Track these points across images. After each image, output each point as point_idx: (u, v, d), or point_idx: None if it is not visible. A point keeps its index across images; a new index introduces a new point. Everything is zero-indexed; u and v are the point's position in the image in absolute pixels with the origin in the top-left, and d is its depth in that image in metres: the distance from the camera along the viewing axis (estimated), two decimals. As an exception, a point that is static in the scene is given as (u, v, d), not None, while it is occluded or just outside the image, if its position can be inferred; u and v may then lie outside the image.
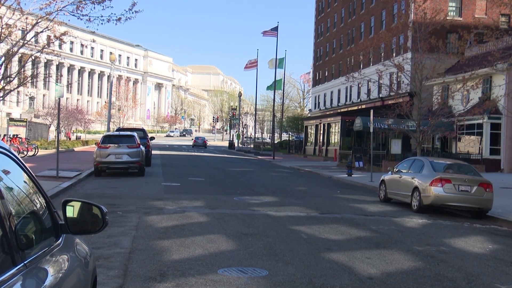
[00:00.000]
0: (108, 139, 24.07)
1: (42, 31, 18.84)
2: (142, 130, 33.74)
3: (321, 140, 58.18)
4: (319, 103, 71.29)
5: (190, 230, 10.85)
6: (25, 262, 2.62)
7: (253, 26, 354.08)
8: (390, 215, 14.97)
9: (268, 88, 66.09)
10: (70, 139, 65.12)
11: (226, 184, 22.00)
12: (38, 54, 19.89)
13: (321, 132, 58.10)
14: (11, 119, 46.19)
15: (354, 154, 36.46)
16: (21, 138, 35.28)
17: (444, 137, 35.06)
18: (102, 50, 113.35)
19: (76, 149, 46.86)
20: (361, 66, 53.48)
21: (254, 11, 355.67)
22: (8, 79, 19.23)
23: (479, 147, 35.16)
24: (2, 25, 17.28)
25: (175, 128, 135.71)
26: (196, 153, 53.64)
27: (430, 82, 29.90)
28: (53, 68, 78.42)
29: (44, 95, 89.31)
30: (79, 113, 65.54)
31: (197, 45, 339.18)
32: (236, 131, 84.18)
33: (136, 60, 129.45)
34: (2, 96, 19.66)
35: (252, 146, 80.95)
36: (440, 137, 35.13)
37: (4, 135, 38.69)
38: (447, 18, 33.76)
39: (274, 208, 14.98)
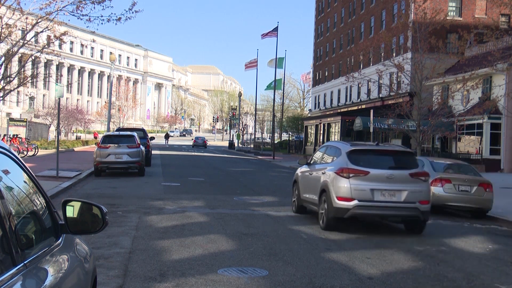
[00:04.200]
0: (108, 139, 24.07)
1: (42, 31, 18.85)
2: (142, 130, 33.72)
3: (321, 140, 58.18)
4: (319, 103, 71.32)
5: (190, 230, 10.85)
6: (25, 262, 2.63)
7: (253, 26, 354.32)
8: (390, 215, 14.94)
9: (267, 87, 66.01)
10: (96, 138, 66.04)
11: (226, 184, 22.00)
12: (38, 54, 19.89)
13: (321, 132, 58.12)
14: (11, 119, 46.17)
15: (354, 154, 36.38)
16: (21, 138, 35.26)
17: (444, 137, 35.05)
18: (102, 50, 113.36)
19: (76, 149, 46.86)
20: (361, 66, 53.49)
21: (254, 11, 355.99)
22: (8, 79, 19.24)
23: (479, 147, 35.16)
24: (2, 25, 17.29)
25: (175, 128, 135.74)
26: (196, 153, 53.64)
27: (430, 82, 29.89)
28: (53, 68, 78.41)
29: (44, 95, 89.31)
30: (79, 113, 65.52)
31: (197, 45, 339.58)
32: (236, 131, 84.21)
33: (136, 60, 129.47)
34: (2, 96, 19.67)
35: (252, 146, 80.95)
36: (440, 137, 35.13)
37: (4, 135, 38.67)
38: (447, 18, 33.73)
39: (274, 208, 14.97)
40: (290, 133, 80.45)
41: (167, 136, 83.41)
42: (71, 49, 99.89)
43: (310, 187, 13.04)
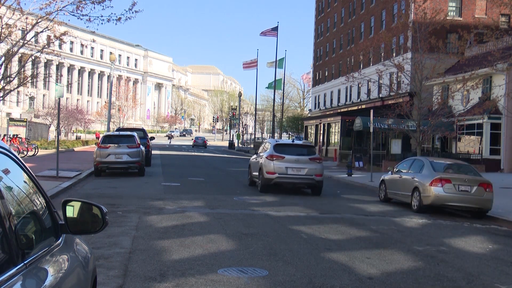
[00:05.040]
0: (108, 139, 24.06)
1: (42, 31, 18.86)
2: (142, 130, 33.71)
3: (321, 140, 58.18)
4: (319, 103, 71.31)
5: (190, 230, 10.85)
6: (25, 262, 2.63)
7: (253, 26, 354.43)
8: (390, 215, 14.97)
9: (268, 87, 66.13)
10: (98, 138, 66.12)
11: (226, 184, 22.01)
12: (38, 54, 19.90)
13: (321, 132, 58.11)
14: (11, 119, 46.17)
15: (354, 154, 36.46)
16: (21, 138, 35.25)
17: (444, 137, 35.05)
18: (102, 50, 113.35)
19: (76, 149, 46.86)
20: (361, 66, 53.48)
21: (254, 11, 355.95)
22: (8, 79, 19.23)
23: (479, 147, 35.16)
24: (2, 25, 17.29)
25: (175, 128, 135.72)
26: (196, 153, 53.64)
27: (430, 82, 29.90)
28: (53, 68, 78.41)
29: (44, 95, 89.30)
30: (79, 113, 65.50)
31: (197, 45, 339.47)
32: (236, 131, 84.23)
33: (136, 60, 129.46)
34: (2, 96, 19.67)
35: (252, 146, 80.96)
36: (440, 137, 35.12)
37: (4, 135, 38.67)
38: (447, 18, 33.74)
39: (274, 208, 14.98)
40: (290, 133, 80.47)
41: (171, 137, 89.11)
42: (71, 49, 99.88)
43: (255, 168, 20.31)
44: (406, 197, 16.76)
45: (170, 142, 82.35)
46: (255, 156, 21.35)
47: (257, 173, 19.71)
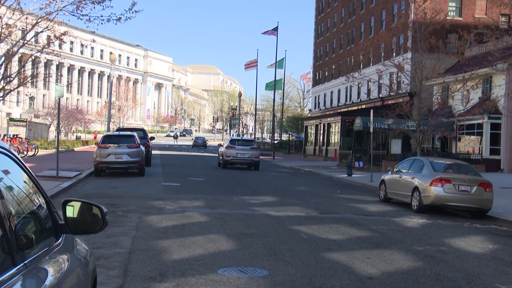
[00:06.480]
0: (108, 139, 24.04)
1: (42, 31, 18.85)
2: (142, 130, 33.72)
3: (321, 140, 58.18)
4: (319, 103, 71.30)
5: (190, 230, 10.85)
6: (25, 262, 2.62)
7: (253, 26, 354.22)
8: (390, 215, 14.97)
9: (267, 87, 66.10)
10: (96, 138, 66.27)
11: (226, 184, 22.01)
12: (38, 54, 19.89)
13: (321, 132, 58.11)
14: (11, 119, 46.16)
15: (354, 154, 36.45)
16: (21, 138, 35.25)
17: (444, 137, 35.03)
18: (102, 50, 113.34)
19: (76, 149, 46.86)
20: (361, 66, 53.48)
21: (254, 11, 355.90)
22: (8, 79, 19.22)
23: (479, 147, 35.15)
24: (2, 25, 17.28)
25: (175, 128, 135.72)
26: (196, 153, 53.65)
27: (430, 82, 29.89)
28: (53, 68, 78.38)
29: (44, 95, 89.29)
30: (79, 113, 65.48)
31: (197, 45, 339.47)
32: (236, 131, 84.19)
33: (136, 60, 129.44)
34: (2, 96, 19.66)
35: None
36: (440, 137, 35.11)
37: (4, 135, 38.66)
38: (447, 18, 33.72)
39: (274, 208, 14.98)
40: (290, 133, 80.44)
41: (176, 136, 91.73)
42: (71, 49, 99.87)
43: (220, 154, 32.86)
44: (406, 197, 16.76)
45: (175, 142, 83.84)
46: (221, 147, 33.85)
47: (221, 157, 31.96)
